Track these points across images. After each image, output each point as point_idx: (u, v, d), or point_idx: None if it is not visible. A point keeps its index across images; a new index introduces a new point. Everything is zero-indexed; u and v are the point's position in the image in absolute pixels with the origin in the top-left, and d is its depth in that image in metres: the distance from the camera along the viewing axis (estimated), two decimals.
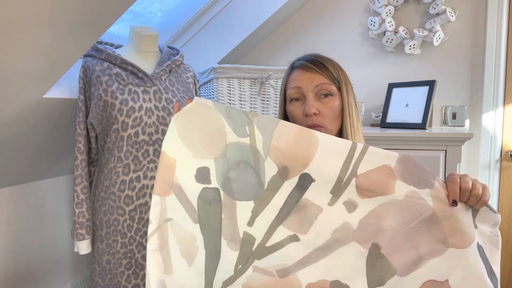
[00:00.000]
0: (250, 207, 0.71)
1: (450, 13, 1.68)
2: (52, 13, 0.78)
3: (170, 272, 0.76)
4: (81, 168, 1.26)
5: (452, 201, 0.65)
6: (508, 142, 1.71)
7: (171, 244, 0.76)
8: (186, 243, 0.76)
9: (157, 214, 0.75)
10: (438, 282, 0.65)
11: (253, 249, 0.71)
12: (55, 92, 1.18)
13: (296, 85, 0.87)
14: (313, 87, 0.86)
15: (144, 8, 1.66)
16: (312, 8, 1.99)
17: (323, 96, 0.87)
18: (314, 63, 0.87)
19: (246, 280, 0.71)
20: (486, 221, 0.67)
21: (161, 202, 0.75)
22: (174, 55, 1.40)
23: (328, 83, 0.86)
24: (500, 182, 1.73)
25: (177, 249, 0.76)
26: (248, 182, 0.71)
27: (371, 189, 0.66)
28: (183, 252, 0.76)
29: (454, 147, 1.32)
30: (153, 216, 0.75)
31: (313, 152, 0.67)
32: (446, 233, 0.65)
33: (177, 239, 0.76)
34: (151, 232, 0.75)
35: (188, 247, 0.75)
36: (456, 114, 1.65)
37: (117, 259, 1.24)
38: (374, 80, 1.88)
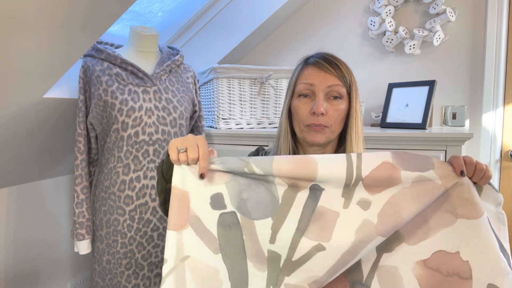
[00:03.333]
0: (269, 225, 0.70)
1: (450, 13, 1.68)
2: (52, 13, 0.78)
3: None
4: (81, 168, 1.26)
5: (460, 171, 0.65)
6: (508, 142, 1.71)
7: (188, 285, 0.70)
8: (208, 280, 0.71)
9: (173, 252, 0.70)
10: (448, 253, 0.65)
11: (281, 266, 0.70)
12: (55, 92, 1.18)
13: (309, 81, 0.87)
14: (326, 86, 0.86)
15: (144, 8, 1.66)
16: (312, 8, 1.99)
17: (332, 98, 0.86)
18: (330, 63, 0.87)
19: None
20: (490, 199, 0.67)
21: (178, 238, 0.70)
22: (174, 55, 1.40)
23: (340, 85, 0.86)
24: (500, 182, 1.73)
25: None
26: (263, 200, 0.71)
27: (379, 184, 0.67)
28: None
29: (454, 147, 1.32)
30: (169, 255, 0.70)
31: (315, 170, 0.68)
32: (454, 204, 0.66)
33: (196, 280, 0.70)
34: (167, 272, 0.69)
35: (210, 284, 0.71)
36: (456, 114, 1.65)
37: (117, 259, 1.24)
38: (374, 80, 1.88)
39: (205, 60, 1.90)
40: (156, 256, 1.28)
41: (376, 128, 1.68)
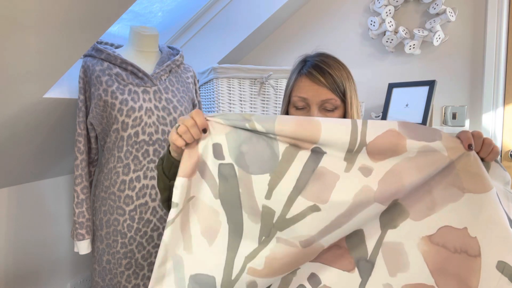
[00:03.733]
0: (266, 180, 0.70)
1: (450, 13, 1.68)
2: (52, 13, 0.78)
3: (190, 252, 0.73)
4: (81, 168, 1.26)
5: (467, 145, 0.63)
6: (508, 142, 1.71)
7: (191, 223, 0.73)
8: (209, 220, 0.73)
9: (182, 196, 0.72)
10: (455, 228, 0.63)
11: (274, 222, 0.70)
12: (55, 92, 1.18)
13: (303, 95, 0.87)
14: (319, 101, 0.86)
15: (144, 8, 1.66)
16: (312, 8, 1.99)
17: (324, 111, 0.87)
18: (323, 74, 0.86)
19: (270, 252, 0.69)
20: (498, 177, 0.65)
21: (187, 184, 0.72)
22: (174, 55, 1.40)
23: (334, 98, 0.86)
24: None
25: (198, 227, 0.73)
26: (262, 155, 0.70)
27: (383, 152, 0.66)
28: (204, 231, 0.73)
29: None
30: (178, 199, 0.71)
31: (318, 132, 0.67)
32: (461, 177, 0.63)
33: (198, 217, 0.73)
34: (175, 215, 0.71)
35: (210, 223, 0.73)
36: (456, 114, 1.65)
37: (117, 259, 1.24)
38: (374, 80, 1.88)
39: (205, 60, 1.90)
40: (156, 256, 1.28)
41: None
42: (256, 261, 0.70)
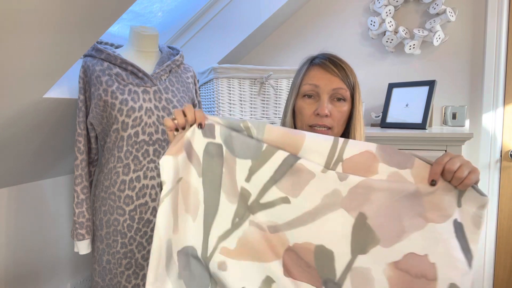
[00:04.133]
0: (248, 165, 0.75)
1: (450, 13, 1.68)
2: (52, 13, 0.78)
3: (177, 231, 0.76)
4: (81, 168, 1.26)
5: (430, 180, 0.67)
6: (508, 142, 1.71)
7: (179, 204, 0.76)
8: (192, 198, 0.77)
9: (170, 175, 0.74)
10: (418, 255, 0.68)
11: (249, 204, 0.75)
12: (55, 92, 1.18)
13: (314, 82, 0.88)
14: (330, 89, 0.87)
15: (144, 8, 1.66)
16: (312, 8, 1.99)
17: (336, 100, 0.88)
18: (335, 65, 0.88)
19: (242, 233, 0.74)
20: (472, 202, 0.68)
21: (174, 162, 0.74)
22: (174, 55, 1.40)
23: (344, 88, 0.88)
24: (500, 182, 1.73)
25: (183, 207, 0.76)
26: (248, 143, 0.75)
27: (356, 170, 0.71)
28: (188, 209, 0.77)
29: (454, 147, 1.32)
30: (167, 177, 0.73)
31: (301, 142, 0.73)
32: (426, 208, 0.68)
33: (183, 197, 0.76)
34: (165, 193, 0.73)
35: (193, 201, 0.77)
36: (456, 114, 1.65)
37: (117, 259, 1.24)
38: (374, 80, 1.88)
39: (205, 60, 1.90)
40: None
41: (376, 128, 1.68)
42: (229, 240, 0.74)
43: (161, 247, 0.73)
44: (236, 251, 0.73)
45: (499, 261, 1.75)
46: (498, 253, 1.74)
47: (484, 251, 1.75)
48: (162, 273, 0.74)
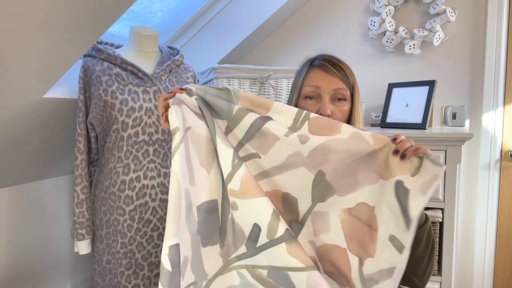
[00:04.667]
0: (225, 125, 0.83)
1: (450, 13, 1.68)
2: (52, 13, 0.78)
3: (194, 184, 0.78)
4: (81, 168, 1.26)
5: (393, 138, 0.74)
6: (508, 142, 1.71)
7: (191, 154, 0.78)
8: (206, 149, 0.81)
9: (181, 121, 0.76)
10: (368, 205, 0.78)
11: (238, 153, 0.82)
12: (55, 92, 1.18)
13: (315, 84, 0.90)
14: (331, 89, 0.90)
15: (144, 8, 1.66)
16: (312, 8, 1.99)
17: (337, 100, 0.90)
18: (335, 66, 0.91)
19: (243, 172, 0.78)
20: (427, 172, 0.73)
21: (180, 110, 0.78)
22: (174, 55, 1.40)
23: (345, 88, 0.90)
24: (500, 182, 1.73)
25: (197, 159, 0.79)
26: (221, 106, 0.83)
27: (321, 129, 0.80)
28: (202, 162, 0.80)
29: (454, 147, 1.32)
30: (178, 124, 0.75)
31: (271, 104, 0.82)
32: (380, 165, 0.77)
33: (196, 148, 0.79)
34: (179, 140, 0.75)
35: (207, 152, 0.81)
36: (456, 114, 1.65)
37: (117, 259, 1.24)
38: (374, 80, 1.88)
39: (205, 60, 1.90)
40: (156, 256, 1.28)
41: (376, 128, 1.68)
42: (233, 182, 0.79)
43: (180, 195, 0.74)
44: (240, 191, 0.78)
45: (499, 261, 1.75)
46: (498, 253, 1.74)
47: (484, 251, 1.75)
48: (182, 225, 0.74)
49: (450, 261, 1.35)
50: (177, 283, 0.73)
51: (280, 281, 0.77)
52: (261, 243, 0.78)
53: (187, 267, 0.76)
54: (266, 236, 0.77)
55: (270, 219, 0.76)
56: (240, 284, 0.82)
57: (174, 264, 0.72)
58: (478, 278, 1.76)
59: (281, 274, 0.76)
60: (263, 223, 0.77)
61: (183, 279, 0.75)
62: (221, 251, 0.82)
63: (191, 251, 0.77)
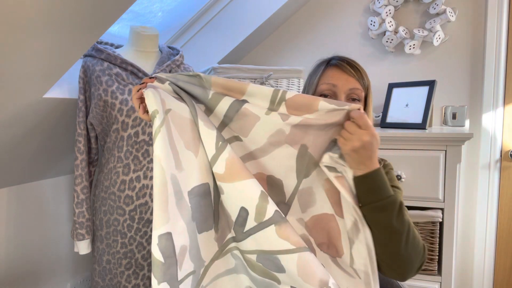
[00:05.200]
0: (203, 108, 0.81)
1: (450, 13, 1.68)
2: (52, 13, 0.78)
3: (181, 169, 0.75)
4: (81, 168, 1.26)
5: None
6: (508, 142, 1.71)
7: (175, 138, 0.75)
8: (190, 132, 0.78)
9: (159, 103, 0.73)
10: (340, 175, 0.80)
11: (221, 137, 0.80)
12: (55, 92, 1.18)
13: (332, 82, 0.91)
14: (348, 89, 0.90)
15: (144, 8, 1.66)
16: (312, 8, 1.99)
17: (351, 100, 0.91)
18: (352, 67, 0.92)
19: (228, 154, 0.75)
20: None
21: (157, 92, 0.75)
22: (174, 55, 1.40)
23: (360, 89, 0.90)
24: (500, 182, 1.73)
25: (182, 143, 0.76)
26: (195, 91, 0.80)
27: (299, 108, 0.79)
28: (188, 145, 0.77)
29: (454, 147, 1.32)
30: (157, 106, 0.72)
31: (246, 87, 0.80)
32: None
33: (179, 132, 0.76)
34: (160, 123, 0.72)
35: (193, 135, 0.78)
36: (456, 114, 1.65)
37: (117, 259, 1.24)
38: (374, 80, 1.88)
39: (205, 60, 1.90)
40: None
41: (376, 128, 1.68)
42: (217, 165, 0.76)
43: (166, 182, 0.71)
44: (225, 174, 0.75)
45: (499, 261, 1.75)
46: (498, 253, 1.74)
47: (484, 251, 1.75)
48: (174, 213, 0.72)
49: (450, 261, 1.35)
50: (173, 274, 0.70)
51: (270, 265, 0.75)
52: (249, 227, 0.76)
53: (185, 256, 0.73)
54: (254, 220, 0.74)
55: (258, 202, 0.74)
56: (235, 266, 0.81)
57: (166, 254, 0.69)
58: (478, 278, 1.76)
59: (270, 258, 0.74)
60: (251, 206, 0.74)
61: (181, 269, 0.72)
62: (216, 235, 0.80)
63: (188, 240, 0.74)
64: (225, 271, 0.80)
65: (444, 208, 1.34)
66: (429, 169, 1.35)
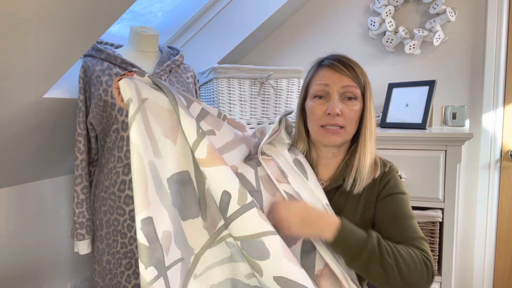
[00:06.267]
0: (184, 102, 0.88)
1: (450, 13, 1.68)
2: (52, 13, 0.78)
3: (159, 156, 0.78)
4: (81, 168, 1.26)
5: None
6: (508, 142, 1.71)
7: (152, 125, 0.78)
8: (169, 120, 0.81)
9: (134, 93, 0.77)
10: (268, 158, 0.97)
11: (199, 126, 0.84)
12: (55, 92, 1.18)
13: (324, 82, 0.88)
14: (341, 87, 0.87)
15: (144, 8, 1.66)
16: (312, 8, 1.99)
17: (347, 99, 0.88)
18: (344, 65, 0.88)
19: (208, 141, 0.79)
20: None
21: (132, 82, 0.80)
22: (174, 55, 1.40)
23: (355, 86, 0.87)
24: (500, 182, 1.73)
25: (159, 130, 0.79)
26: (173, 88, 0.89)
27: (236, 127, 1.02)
28: (166, 132, 0.80)
29: (454, 147, 1.32)
30: (132, 95, 0.77)
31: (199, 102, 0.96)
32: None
33: (157, 120, 0.79)
34: (135, 111, 0.76)
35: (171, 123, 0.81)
36: (456, 114, 1.65)
37: (117, 259, 1.24)
38: (374, 80, 1.87)
39: (205, 60, 1.89)
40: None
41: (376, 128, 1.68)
42: (199, 150, 0.78)
43: (144, 168, 0.73)
44: (207, 158, 0.78)
45: (499, 261, 1.75)
46: (498, 253, 1.74)
47: (484, 251, 1.75)
48: (154, 199, 0.73)
49: (450, 261, 1.35)
50: (160, 259, 0.70)
51: (253, 251, 0.73)
52: (231, 212, 0.75)
53: (171, 242, 0.74)
54: (237, 202, 0.75)
55: (240, 185, 0.76)
56: (232, 255, 0.81)
57: (150, 239, 0.70)
58: (478, 278, 1.76)
59: (254, 243, 0.73)
60: (234, 188, 0.75)
61: (168, 255, 0.72)
62: (205, 223, 0.80)
63: (172, 226, 0.75)
64: (221, 260, 0.80)
65: (444, 208, 1.34)
66: (429, 169, 1.35)
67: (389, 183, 0.90)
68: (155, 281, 0.68)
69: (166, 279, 0.70)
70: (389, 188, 0.89)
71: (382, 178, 0.91)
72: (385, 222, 0.86)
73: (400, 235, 0.82)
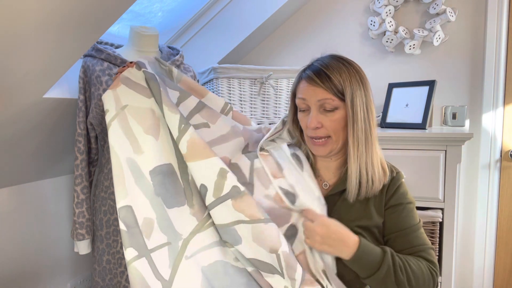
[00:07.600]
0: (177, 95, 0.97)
1: (450, 13, 1.68)
2: (52, 13, 0.78)
3: (141, 152, 0.88)
4: (81, 168, 1.26)
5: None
6: (508, 142, 1.71)
7: (133, 127, 0.89)
8: (149, 119, 0.91)
9: (112, 103, 0.91)
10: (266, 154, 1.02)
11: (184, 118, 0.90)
12: (55, 92, 1.18)
13: (302, 96, 0.89)
14: (316, 101, 0.86)
15: (144, 8, 1.66)
16: (312, 8, 1.99)
17: (324, 111, 0.87)
18: (319, 76, 0.85)
19: (190, 136, 0.86)
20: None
21: (113, 94, 0.92)
22: (174, 55, 1.40)
23: (330, 98, 0.84)
24: (500, 182, 1.73)
25: (140, 129, 0.89)
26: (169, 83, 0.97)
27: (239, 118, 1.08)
28: (148, 129, 0.90)
29: (454, 147, 1.32)
30: (109, 106, 0.90)
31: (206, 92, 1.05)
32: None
33: (138, 120, 0.90)
34: (110, 119, 0.89)
35: (152, 121, 0.91)
36: (456, 114, 1.65)
37: (117, 259, 1.24)
38: (374, 80, 1.88)
39: (205, 60, 1.90)
40: None
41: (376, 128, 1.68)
42: (180, 145, 0.87)
43: (121, 164, 0.85)
44: (187, 154, 0.86)
45: (499, 261, 1.75)
46: (498, 253, 1.74)
47: (484, 251, 1.75)
48: (132, 188, 0.84)
49: (450, 261, 1.35)
50: (139, 242, 0.81)
51: (229, 238, 0.84)
52: (208, 203, 0.85)
53: (153, 227, 0.83)
54: (213, 195, 0.84)
55: (217, 178, 0.83)
56: (220, 239, 0.88)
57: (128, 224, 0.81)
58: (478, 278, 1.76)
59: (228, 230, 0.83)
60: (210, 182, 0.84)
61: (149, 239, 0.82)
62: (192, 210, 0.88)
63: (154, 213, 0.84)
64: (212, 243, 0.87)
65: (444, 208, 1.34)
66: (429, 169, 1.35)
67: (398, 192, 0.91)
68: (136, 260, 0.79)
69: (150, 260, 0.80)
70: (397, 197, 0.91)
71: (390, 185, 0.91)
72: (395, 234, 0.89)
73: (409, 246, 0.87)
